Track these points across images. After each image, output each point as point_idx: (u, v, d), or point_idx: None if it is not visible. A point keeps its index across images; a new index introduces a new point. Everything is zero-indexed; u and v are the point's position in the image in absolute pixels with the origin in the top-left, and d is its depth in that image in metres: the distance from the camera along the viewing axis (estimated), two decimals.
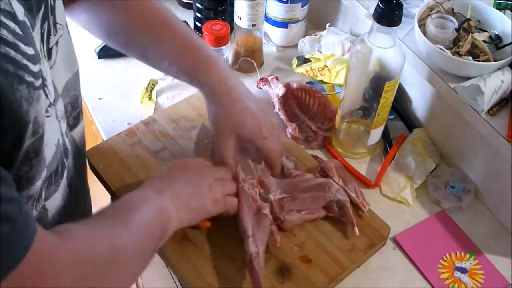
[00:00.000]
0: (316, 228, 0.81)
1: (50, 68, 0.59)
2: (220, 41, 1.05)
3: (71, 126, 0.69)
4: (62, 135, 0.63)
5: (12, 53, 0.45)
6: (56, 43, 0.61)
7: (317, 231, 0.81)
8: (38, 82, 0.50)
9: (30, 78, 0.48)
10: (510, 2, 0.94)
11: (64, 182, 0.65)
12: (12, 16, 0.46)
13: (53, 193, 0.61)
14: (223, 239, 0.79)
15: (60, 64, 0.62)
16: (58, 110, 0.62)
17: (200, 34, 1.15)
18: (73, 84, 0.67)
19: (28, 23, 0.50)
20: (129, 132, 0.94)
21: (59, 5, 0.61)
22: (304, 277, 0.76)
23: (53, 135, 0.58)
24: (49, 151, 0.56)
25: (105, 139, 0.95)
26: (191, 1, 1.19)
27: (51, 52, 0.59)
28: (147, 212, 0.65)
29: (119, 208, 0.65)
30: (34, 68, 0.49)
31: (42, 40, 0.56)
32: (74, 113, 0.69)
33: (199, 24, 1.16)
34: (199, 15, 1.15)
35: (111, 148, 0.91)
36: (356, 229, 0.80)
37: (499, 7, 0.94)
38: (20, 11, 0.48)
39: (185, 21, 1.20)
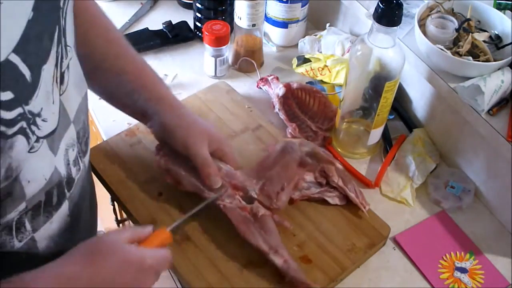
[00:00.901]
0: (316, 228, 0.81)
1: (61, 94, 0.57)
2: (220, 41, 1.05)
3: (84, 152, 0.67)
4: (68, 164, 0.61)
5: None
6: (68, 67, 0.58)
7: (317, 231, 0.81)
8: (12, 130, 0.47)
9: (0, 128, 0.45)
10: (510, 2, 0.94)
11: (62, 212, 0.62)
12: None
13: (42, 224, 0.59)
14: (223, 239, 0.79)
15: (72, 89, 0.60)
16: (67, 138, 0.59)
17: (200, 34, 1.15)
18: (83, 108, 0.66)
19: (17, 60, 0.46)
20: (129, 132, 0.94)
21: (69, 25, 0.58)
22: None
23: (41, 170, 0.55)
24: (32, 187, 0.53)
25: (105, 139, 0.95)
26: (191, 1, 1.19)
27: (63, 77, 0.57)
28: None
29: None
30: (8, 115, 0.46)
31: (56, 64, 0.54)
32: (85, 138, 0.67)
33: (199, 24, 1.16)
34: (199, 15, 1.15)
35: (111, 148, 0.91)
36: (338, 164, 0.83)
37: (499, 7, 0.94)
38: (6, 48, 0.44)
39: (185, 21, 1.20)
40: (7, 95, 0.45)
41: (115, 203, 0.95)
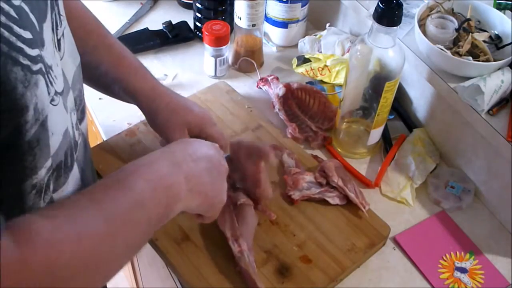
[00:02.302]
0: (316, 228, 0.81)
1: (61, 59, 0.59)
2: (220, 41, 1.05)
3: (80, 120, 0.69)
4: (72, 127, 0.63)
5: (6, 33, 0.45)
6: (63, 35, 0.61)
7: (317, 231, 0.81)
8: (35, 67, 0.50)
9: (25, 61, 0.48)
10: (510, 2, 0.94)
11: (74, 175, 0.64)
12: (7, 0, 0.46)
13: (61, 185, 0.61)
14: (223, 239, 0.79)
15: (67, 57, 0.62)
16: (69, 102, 0.62)
17: (200, 34, 1.15)
18: (78, 77, 0.68)
19: (26, 8, 0.49)
20: (129, 132, 0.94)
21: None
22: (304, 277, 0.76)
23: (60, 124, 0.57)
24: (55, 140, 0.56)
25: (105, 139, 0.95)
26: (191, 1, 1.19)
27: (60, 43, 0.60)
28: (146, 188, 0.58)
29: (112, 184, 0.59)
30: (31, 52, 0.49)
31: (52, 30, 0.57)
32: (81, 107, 0.69)
33: (199, 24, 1.16)
34: (199, 15, 1.15)
35: (111, 148, 0.91)
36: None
37: (499, 7, 0.94)
38: None
39: (185, 21, 1.20)
40: (27, 34, 0.48)
41: None
